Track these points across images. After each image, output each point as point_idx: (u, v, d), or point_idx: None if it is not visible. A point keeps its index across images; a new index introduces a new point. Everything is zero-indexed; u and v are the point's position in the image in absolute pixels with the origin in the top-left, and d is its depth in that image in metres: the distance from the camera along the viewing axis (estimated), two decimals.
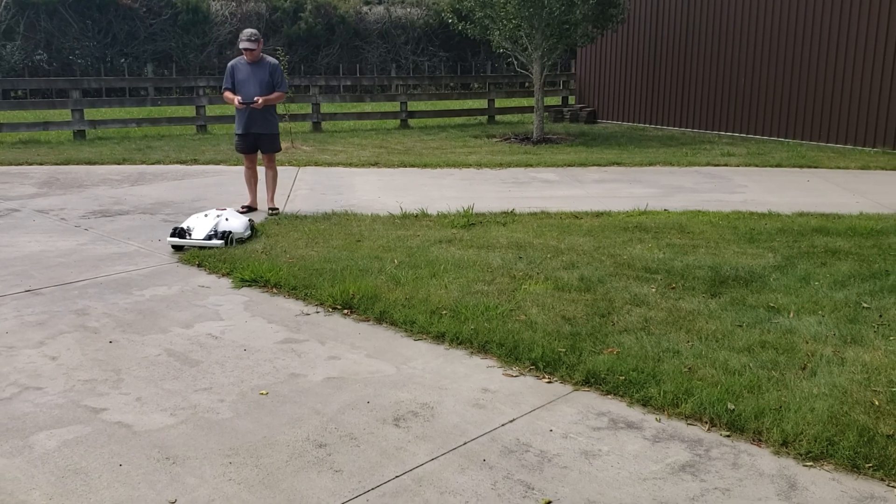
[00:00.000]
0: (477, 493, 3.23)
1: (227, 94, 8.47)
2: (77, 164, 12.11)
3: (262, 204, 8.80)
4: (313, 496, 3.19)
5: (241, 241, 7.17)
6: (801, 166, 12.11)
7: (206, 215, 7.27)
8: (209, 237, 6.98)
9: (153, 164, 12.09)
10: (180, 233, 7.02)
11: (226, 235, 6.99)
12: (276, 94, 8.44)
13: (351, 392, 4.17)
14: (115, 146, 13.95)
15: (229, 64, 8.50)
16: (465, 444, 3.63)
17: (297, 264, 6.34)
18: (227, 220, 7.22)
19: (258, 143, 8.58)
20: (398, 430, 3.76)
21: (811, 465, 3.42)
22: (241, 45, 8.28)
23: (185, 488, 3.25)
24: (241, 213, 8.37)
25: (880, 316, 5.14)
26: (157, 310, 5.47)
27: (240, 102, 8.28)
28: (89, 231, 7.81)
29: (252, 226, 7.47)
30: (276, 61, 8.54)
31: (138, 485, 3.27)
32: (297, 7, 26.60)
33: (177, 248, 7.03)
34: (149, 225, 8.06)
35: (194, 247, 6.95)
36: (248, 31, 8.37)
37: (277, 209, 8.65)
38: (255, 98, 8.25)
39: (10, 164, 12.02)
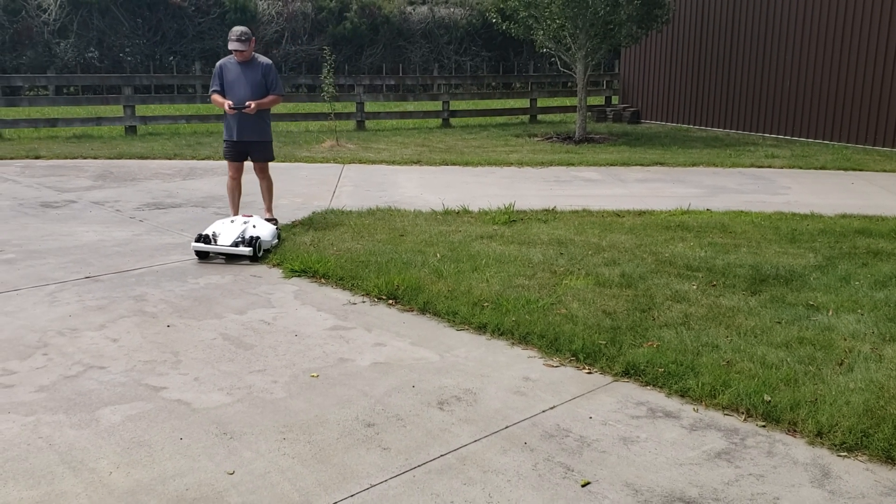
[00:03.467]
0: (518, 472, 3.37)
1: (216, 98, 7.57)
2: (129, 158, 12.49)
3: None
4: (363, 471, 3.36)
5: (269, 250, 6.87)
6: (845, 169, 12.03)
7: (232, 221, 6.93)
8: (236, 244, 6.64)
9: (203, 159, 12.42)
10: (205, 238, 6.70)
11: (254, 242, 6.66)
12: (270, 98, 7.60)
13: (397, 377, 4.34)
14: (166, 142, 14.34)
15: (217, 64, 7.64)
16: (506, 427, 3.77)
17: (344, 256, 6.54)
18: (254, 226, 6.87)
19: (249, 151, 7.77)
20: (442, 412, 3.92)
21: (845, 456, 3.51)
22: (231, 46, 7.43)
23: (242, 461, 3.44)
24: None
25: None
26: (212, 297, 5.70)
27: (230, 107, 7.43)
28: (144, 222, 8.10)
29: (279, 234, 7.23)
30: (270, 61, 7.73)
31: (198, 457, 3.48)
32: (342, 7, 26.94)
33: (201, 254, 6.69)
34: (201, 217, 8.32)
35: (220, 254, 6.71)
36: (237, 30, 7.49)
37: (276, 221, 7.90)
38: (248, 103, 7.42)
39: (66, 157, 12.44)
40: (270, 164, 8.01)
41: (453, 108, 18.62)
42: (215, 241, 6.72)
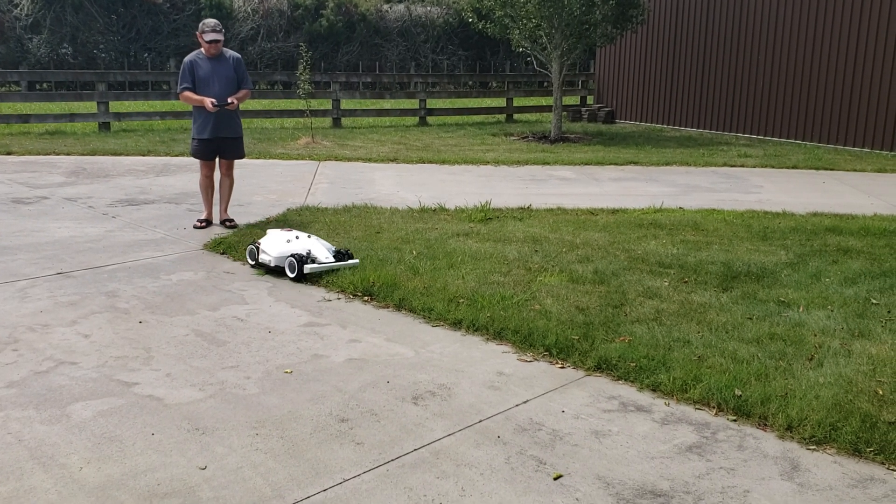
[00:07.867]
0: (491, 466, 3.38)
1: (189, 95, 7.43)
2: (103, 154, 12.36)
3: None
4: (336, 465, 3.36)
5: None
6: (817, 168, 12.19)
7: (297, 238, 6.30)
8: (339, 257, 6.19)
9: (177, 155, 12.32)
10: (304, 259, 6.03)
11: (347, 252, 6.31)
12: (243, 92, 7.60)
13: (371, 372, 4.33)
14: (140, 138, 14.21)
15: (186, 60, 7.48)
16: (480, 421, 3.78)
17: None
18: (316, 237, 6.45)
19: (221, 148, 7.70)
20: (416, 407, 3.92)
21: (814, 449, 3.55)
22: (209, 38, 7.30)
23: (215, 456, 3.42)
24: (199, 228, 7.63)
25: (888, 311, 5.25)
26: (185, 293, 5.66)
27: (213, 105, 7.31)
28: (117, 218, 8.02)
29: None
30: (239, 55, 7.68)
31: (170, 452, 3.45)
32: (318, 4, 26.83)
33: (299, 277, 6.02)
34: (174, 214, 8.26)
35: (328, 270, 6.06)
36: (212, 21, 7.43)
37: (234, 221, 7.75)
38: (230, 100, 7.41)
39: (39, 153, 12.28)
40: (245, 160, 7.96)
41: (430, 106, 18.62)
42: (314, 260, 6.13)
